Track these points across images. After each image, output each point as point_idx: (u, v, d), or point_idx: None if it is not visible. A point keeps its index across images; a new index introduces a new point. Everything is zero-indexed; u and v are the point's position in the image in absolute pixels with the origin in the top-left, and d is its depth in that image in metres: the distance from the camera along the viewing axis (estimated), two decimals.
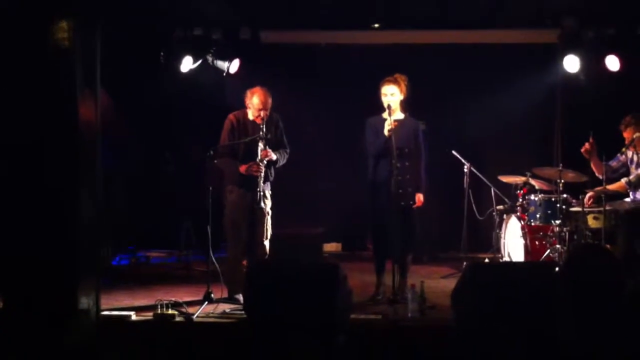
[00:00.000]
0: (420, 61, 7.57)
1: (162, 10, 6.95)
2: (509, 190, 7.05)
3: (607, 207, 6.07)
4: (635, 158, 6.25)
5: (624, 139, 6.24)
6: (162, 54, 7.33)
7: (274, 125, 5.59)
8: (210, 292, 5.24)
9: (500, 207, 7.01)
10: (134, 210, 7.74)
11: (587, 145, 6.20)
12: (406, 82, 5.65)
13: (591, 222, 6.17)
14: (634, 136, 6.05)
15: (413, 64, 7.03)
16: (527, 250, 6.35)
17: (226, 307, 5.16)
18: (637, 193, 6.22)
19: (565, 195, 6.47)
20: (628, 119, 6.19)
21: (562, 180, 6.47)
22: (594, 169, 6.29)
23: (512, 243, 6.64)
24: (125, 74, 7.12)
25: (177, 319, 4.80)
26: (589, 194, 6.30)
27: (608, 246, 5.98)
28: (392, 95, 5.60)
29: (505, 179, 6.96)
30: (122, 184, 7.60)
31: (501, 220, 6.93)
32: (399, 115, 5.70)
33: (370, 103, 5.80)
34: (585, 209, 6.21)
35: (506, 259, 6.71)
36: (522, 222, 6.51)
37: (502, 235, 6.85)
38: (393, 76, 5.64)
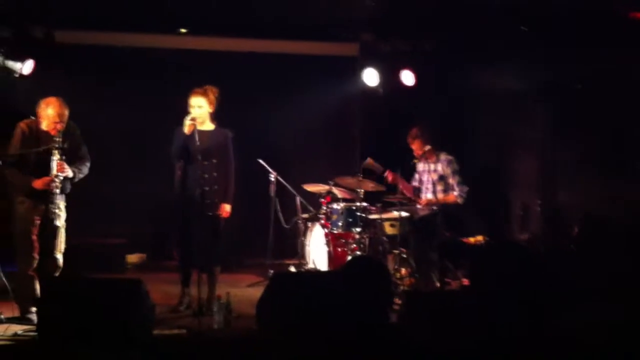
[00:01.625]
0: (228, 68, 7.56)
1: None
2: (313, 199, 7.26)
3: (402, 215, 6.45)
4: (426, 167, 6.69)
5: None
6: None
7: (70, 136, 5.27)
8: (0, 313, 4.89)
9: (305, 215, 7.19)
10: None
11: (389, 177, 6.55)
12: (216, 94, 5.62)
13: (388, 229, 6.51)
14: (425, 149, 6.48)
15: (221, 71, 7.04)
16: (330, 257, 6.55)
17: (18, 328, 4.82)
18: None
19: (365, 204, 6.78)
20: (415, 131, 6.62)
21: (362, 190, 6.80)
22: (404, 192, 6.65)
23: (317, 250, 6.82)
24: None
25: None
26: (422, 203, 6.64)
27: (404, 250, 6.39)
28: (199, 107, 5.57)
29: (309, 187, 7.15)
30: None
31: (306, 228, 7.11)
32: (209, 126, 5.67)
33: (175, 108, 5.70)
34: (382, 217, 6.56)
35: (311, 265, 6.89)
36: (326, 230, 6.72)
37: (307, 243, 7.02)
38: (202, 88, 5.59)
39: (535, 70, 6.96)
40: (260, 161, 6.89)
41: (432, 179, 6.59)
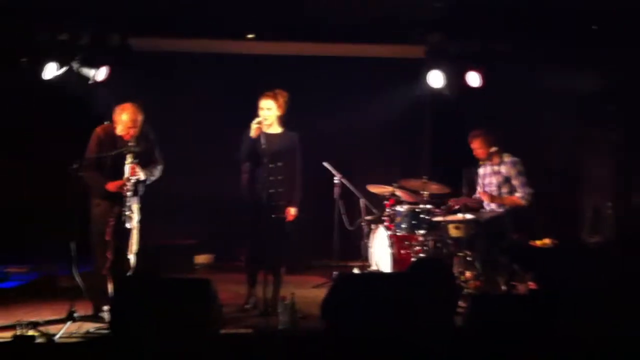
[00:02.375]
0: (293, 72, 7.65)
1: (25, 13, 6.64)
2: (378, 201, 7.28)
3: (468, 217, 6.40)
4: (490, 170, 6.60)
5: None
6: (24, 59, 6.96)
7: (144, 139, 5.47)
8: (74, 311, 5.06)
9: (369, 217, 7.22)
10: None
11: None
12: (286, 98, 5.71)
13: (452, 231, 6.45)
14: (491, 151, 6.41)
15: (287, 75, 7.14)
16: (394, 259, 6.56)
17: (90, 326, 5.01)
18: (493, 203, 6.58)
19: (429, 206, 6.76)
20: (478, 133, 6.54)
21: (426, 192, 6.78)
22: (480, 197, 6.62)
23: (380, 252, 6.84)
24: None
25: (38, 340, 4.59)
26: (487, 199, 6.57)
27: (469, 253, 6.33)
28: (268, 109, 5.67)
29: (373, 189, 7.17)
30: None
31: (370, 230, 7.14)
32: (277, 129, 5.77)
33: (244, 112, 5.83)
34: (447, 219, 6.52)
35: (374, 267, 6.91)
36: (390, 232, 6.72)
37: (371, 245, 7.05)
38: (272, 91, 5.70)
39: (609, 71, 6.79)
40: (326, 164, 6.95)
41: (497, 181, 6.49)
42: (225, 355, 4.34)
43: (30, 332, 4.59)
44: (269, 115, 5.66)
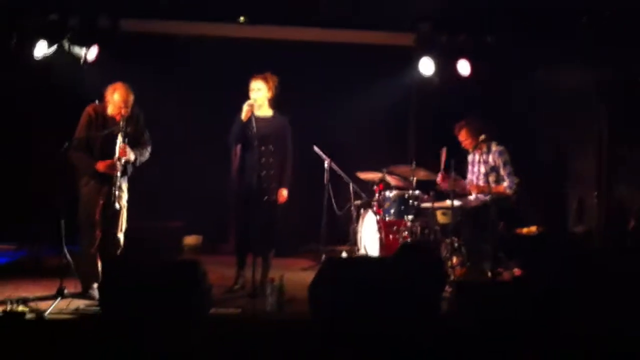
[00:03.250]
0: (284, 57, 7.63)
1: None
2: (367, 186, 7.32)
3: (455, 204, 6.44)
4: (478, 158, 6.64)
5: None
6: (14, 37, 6.92)
7: (134, 120, 5.47)
8: (64, 288, 5.09)
9: (358, 202, 7.27)
10: None
11: (439, 180, 6.52)
12: (275, 82, 5.75)
13: (440, 217, 6.53)
14: (479, 139, 6.43)
15: (277, 60, 7.09)
16: (382, 244, 6.62)
17: (80, 303, 5.02)
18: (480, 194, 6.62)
19: (417, 192, 6.82)
20: (463, 123, 6.55)
21: (415, 178, 6.83)
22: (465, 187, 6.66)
23: (368, 237, 6.90)
24: None
25: (28, 316, 4.62)
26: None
27: (455, 239, 6.38)
28: (258, 90, 5.71)
29: (362, 175, 7.21)
30: None
31: (358, 215, 7.19)
32: (267, 112, 5.79)
33: (232, 97, 5.84)
34: (434, 205, 6.57)
35: (362, 252, 6.96)
36: (378, 217, 6.78)
37: (359, 229, 7.10)
38: (263, 73, 5.74)
39: (597, 67, 6.85)
40: (315, 148, 6.98)
41: (485, 169, 6.52)
42: (213, 335, 4.39)
43: (20, 308, 4.60)
44: (259, 97, 5.69)
